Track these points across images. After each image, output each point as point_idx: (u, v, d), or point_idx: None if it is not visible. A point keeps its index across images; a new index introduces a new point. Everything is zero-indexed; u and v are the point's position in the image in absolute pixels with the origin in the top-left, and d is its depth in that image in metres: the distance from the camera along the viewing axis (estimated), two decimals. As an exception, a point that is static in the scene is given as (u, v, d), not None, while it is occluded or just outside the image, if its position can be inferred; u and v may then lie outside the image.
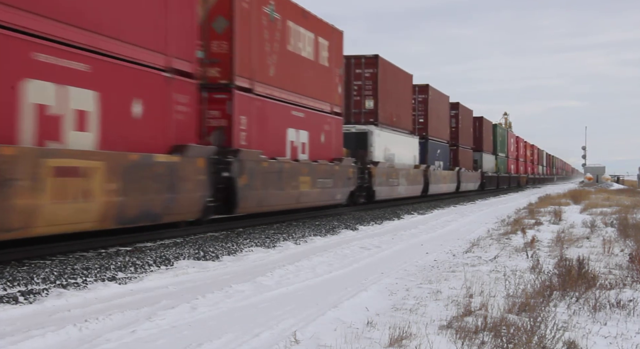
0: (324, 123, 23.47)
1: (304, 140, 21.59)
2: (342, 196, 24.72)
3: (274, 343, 6.48)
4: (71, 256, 12.27)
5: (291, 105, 20.75)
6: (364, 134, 29.92)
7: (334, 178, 23.27)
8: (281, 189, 19.13)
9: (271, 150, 19.17)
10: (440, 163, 43.43)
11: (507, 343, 5.95)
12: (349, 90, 30.33)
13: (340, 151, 24.82)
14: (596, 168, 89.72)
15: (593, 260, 11.13)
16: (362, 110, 30.94)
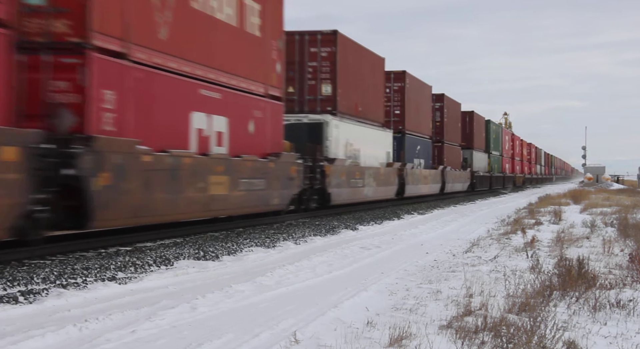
0: (254, 108, 18.54)
1: (221, 129, 16.61)
2: (282, 200, 19.93)
3: (274, 343, 6.48)
4: (71, 256, 12.27)
5: (200, 82, 15.78)
6: (317, 125, 24.85)
7: (267, 179, 18.69)
8: (178, 193, 14.46)
9: (162, 140, 14.26)
10: (420, 162, 38.81)
11: (507, 343, 5.95)
12: (302, 73, 25.65)
13: (279, 144, 20.02)
14: (596, 168, 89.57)
15: (593, 259, 11.13)
16: (317, 97, 25.72)
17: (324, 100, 25.73)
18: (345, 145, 26.60)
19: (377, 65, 31.81)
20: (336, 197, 24.89)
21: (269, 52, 19.64)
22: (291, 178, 20.51)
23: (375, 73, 31.30)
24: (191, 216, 16.35)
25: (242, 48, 18.05)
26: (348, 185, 26.12)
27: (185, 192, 14.76)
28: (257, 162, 18.31)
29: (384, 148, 32.17)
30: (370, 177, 28.98)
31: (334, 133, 25.30)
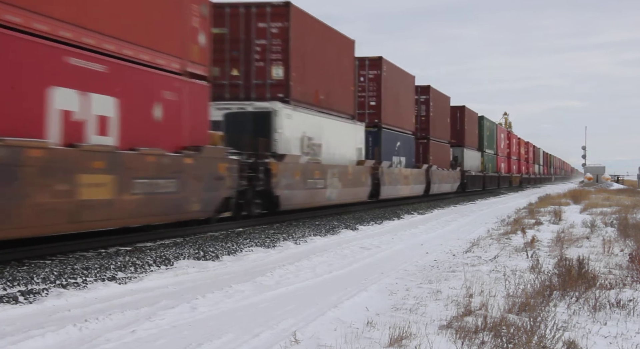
0: (163, 88, 14.51)
1: (106, 113, 12.80)
2: (205, 206, 15.92)
3: (274, 342, 6.49)
4: (71, 256, 12.27)
5: (68, 48, 11.88)
6: (264, 115, 20.71)
7: (181, 178, 14.64)
8: (18, 199, 10.58)
9: None
10: (401, 160, 34.78)
11: (507, 343, 5.95)
12: (248, 53, 21.57)
13: (202, 136, 15.95)
14: (596, 168, 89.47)
15: (593, 259, 11.13)
16: (267, 81, 21.55)
17: (274, 85, 21.53)
18: (301, 139, 22.34)
19: (345, 48, 27.20)
20: (287, 201, 20.76)
21: (187, 18, 15.35)
22: (219, 178, 16.40)
23: (342, 58, 26.83)
24: (48, 230, 11.97)
25: (143, 6, 13.96)
26: (304, 186, 21.87)
27: (32, 198, 10.80)
28: (164, 156, 14.20)
29: (353, 144, 27.81)
30: (335, 177, 24.49)
31: (286, 124, 21.17)
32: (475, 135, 55.03)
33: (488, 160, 59.22)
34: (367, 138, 30.10)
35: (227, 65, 21.46)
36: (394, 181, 32.32)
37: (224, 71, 21.35)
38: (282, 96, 21.49)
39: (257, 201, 19.64)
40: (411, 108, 37.55)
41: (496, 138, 64.51)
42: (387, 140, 32.69)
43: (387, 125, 32.58)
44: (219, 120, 19.77)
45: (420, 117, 40.20)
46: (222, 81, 21.19)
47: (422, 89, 40.39)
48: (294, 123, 21.73)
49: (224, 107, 20.40)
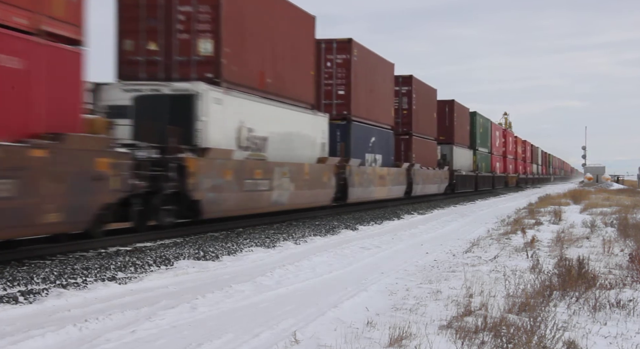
0: None
1: None
2: (72, 216, 11.74)
3: (274, 342, 6.49)
4: (71, 256, 12.27)
5: None
6: (184, 98, 16.49)
7: (24, 178, 10.62)
8: None
9: None
10: (376, 157, 30.15)
11: (507, 343, 5.95)
12: (169, 22, 17.30)
13: (72, 120, 12.05)
14: (596, 168, 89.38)
15: (593, 259, 11.13)
16: (192, 58, 17.43)
17: (201, 63, 17.35)
18: (238, 130, 18.09)
19: (303, 24, 22.74)
20: (212, 206, 16.48)
21: None
22: (98, 178, 12.43)
23: (299, 36, 22.44)
24: None
25: None
26: (239, 188, 17.62)
27: None
28: None
29: (314, 139, 23.31)
30: (285, 177, 20.25)
31: (214, 110, 16.81)
32: (466, 132, 50.59)
33: (481, 159, 55.15)
34: (334, 132, 26.02)
35: (142, 38, 17.36)
36: (366, 182, 27.83)
37: (138, 45, 17.35)
38: (210, 76, 17.25)
39: (169, 207, 15.41)
40: (389, 99, 32.47)
41: (490, 136, 60.57)
42: (359, 135, 27.82)
43: (359, 118, 27.81)
44: (126, 104, 16.32)
45: (402, 111, 35.42)
46: (137, 57, 17.32)
47: (403, 79, 35.49)
48: (227, 110, 17.46)
49: (132, 88, 16.49)
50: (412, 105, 36.13)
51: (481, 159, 55.16)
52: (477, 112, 54.38)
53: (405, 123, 35.75)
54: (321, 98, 26.41)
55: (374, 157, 30.06)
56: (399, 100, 35.43)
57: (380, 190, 30.05)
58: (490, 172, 59.07)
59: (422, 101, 38.20)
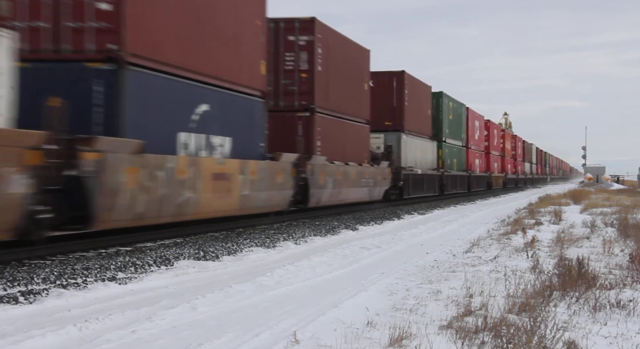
0: None
1: None
2: None
3: (274, 342, 6.49)
4: (71, 256, 12.28)
5: None
6: None
7: None
8: None
9: None
10: (212, 140, 16.58)
11: (507, 343, 5.95)
12: None
13: None
14: (596, 168, 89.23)
15: (593, 260, 11.13)
16: None
17: None
18: None
19: None
20: None
21: None
22: None
23: None
24: None
25: None
26: None
27: None
28: None
29: None
30: None
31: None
32: (427, 117, 39.18)
33: (451, 154, 44.45)
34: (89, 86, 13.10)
35: None
36: (175, 187, 14.35)
37: None
38: None
39: None
40: (256, 49, 19.19)
41: (466, 125, 49.17)
42: (150, 92, 14.27)
43: (148, 61, 14.01)
44: None
45: (298, 73, 22.96)
46: None
47: (302, 25, 23.26)
48: None
49: None
50: (315, 65, 23.23)
51: (451, 154, 44.51)
52: (444, 93, 42.27)
53: (303, 92, 23.05)
54: None
55: (208, 139, 16.26)
56: (294, 55, 23.14)
57: (227, 203, 16.90)
58: (466, 171, 48.68)
59: (341, 64, 25.76)
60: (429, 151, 39.62)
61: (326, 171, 23.49)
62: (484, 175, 55.78)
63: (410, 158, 35.35)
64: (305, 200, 21.82)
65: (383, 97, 33.25)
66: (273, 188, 19.25)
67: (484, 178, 55.69)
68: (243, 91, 18.26)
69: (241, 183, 17.22)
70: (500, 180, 62.84)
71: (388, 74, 34.02)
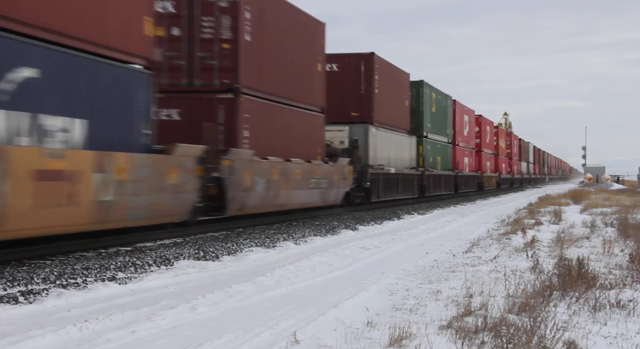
0: None
1: None
2: None
3: (274, 343, 6.48)
4: (71, 256, 12.28)
5: None
6: None
7: None
8: None
9: None
10: (70, 124, 11.97)
11: (507, 343, 5.95)
12: None
13: None
14: (596, 168, 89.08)
15: (593, 260, 11.12)
16: None
17: None
18: None
19: None
20: None
21: None
22: None
23: None
24: None
25: None
26: None
27: None
28: None
29: None
30: None
31: None
32: (404, 109, 34.33)
33: (434, 152, 39.85)
34: None
35: None
36: None
37: None
38: None
39: None
40: None
41: (453, 120, 44.82)
42: None
43: None
44: None
45: (219, 42, 18.22)
46: None
47: None
48: None
49: None
50: (241, 33, 18.37)
51: (434, 151, 39.82)
52: (425, 82, 37.29)
53: (225, 68, 18.22)
54: None
55: (32, 122, 11.28)
56: (213, 20, 18.37)
57: None
58: (452, 170, 44.35)
59: (282, 36, 20.97)
60: (406, 147, 34.60)
61: (254, 169, 18.23)
62: (474, 174, 51.37)
63: (381, 155, 30.22)
64: (223, 206, 17.01)
65: (349, 83, 28.69)
66: (161, 191, 14.16)
67: (473, 178, 51.22)
68: (110, 56, 13.13)
69: (97, 185, 12.21)
70: (493, 180, 58.97)
71: (355, 57, 29.17)
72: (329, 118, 25.51)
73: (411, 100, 36.03)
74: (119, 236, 14.27)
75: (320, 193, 23.02)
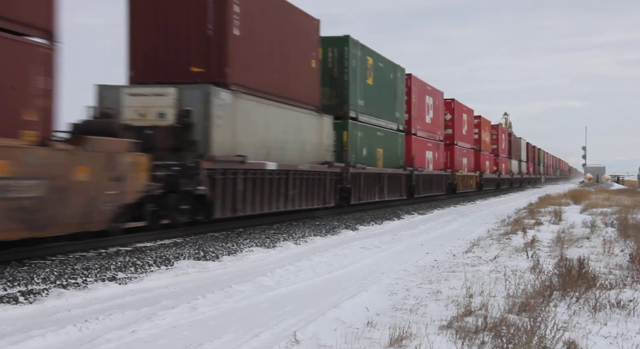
0: None
1: None
2: None
3: (274, 343, 6.48)
4: (71, 256, 12.28)
5: None
6: None
7: None
8: None
9: None
10: None
11: (507, 343, 5.95)
12: None
13: None
14: (596, 168, 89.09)
15: (593, 260, 11.13)
16: None
17: None
18: None
19: None
20: None
21: None
22: None
23: None
24: None
25: None
26: None
27: None
28: None
29: None
30: None
31: None
32: (307, 72, 22.40)
33: (371, 141, 28.29)
34: None
35: None
36: None
37: None
38: None
39: None
40: None
41: (407, 101, 33.83)
42: None
43: None
44: None
45: None
46: None
47: None
48: None
49: None
50: None
51: (371, 140, 28.18)
52: (352, 39, 25.72)
53: None
54: None
55: None
56: None
57: None
58: (404, 167, 32.75)
59: None
60: (310, 132, 22.49)
61: None
62: (440, 174, 40.03)
63: (247, 139, 18.11)
64: None
65: (181, 18, 17.12)
66: None
67: (439, 178, 39.83)
68: None
69: None
70: (471, 180, 48.48)
71: None
72: (143, 75, 17.05)
73: (329, 64, 25.23)
74: (119, 236, 14.27)
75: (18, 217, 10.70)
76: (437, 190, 39.26)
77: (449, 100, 44.27)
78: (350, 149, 25.84)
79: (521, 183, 77.83)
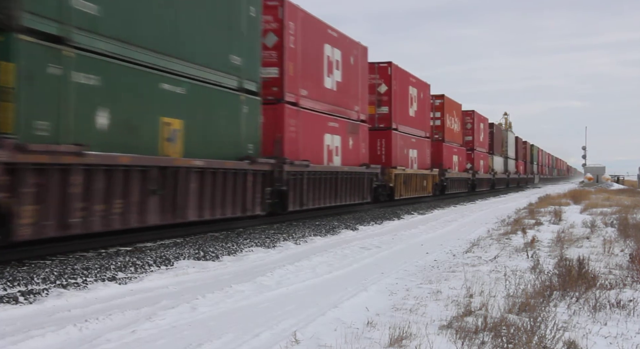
0: None
1: None
2: None
3: (274, 343, 6.48)
4: (71, 256, 12.27)
5: None
6: None
7: None
8: None
9: None
10: None
11: (507, 343, 5.95)
12: None
13: None
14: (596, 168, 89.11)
15: (593, 260, 11.13)
16: None
17: None
18: None
19: None
20: None
21: None
22: None
23: None
24: None
25: None
26: None
27: None
28: None
29: None
30: None
31: None
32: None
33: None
34: None
35: None
36: None
37: None
38: None
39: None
40: None
41: (278, 45, 19.48)
42: None
43: None
44: None
45: None
46: None
47: None
48: None
49: None
50: None
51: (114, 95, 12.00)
52: None
53: None
54: None
55: None
56: None
57: None
58: (243, 159, 16.77)
59: None
60: None
61: None
62: (360, 171, 26.26)
63: None
64: None
65: None
66: None
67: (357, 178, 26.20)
68: None
69: None
70: (426, 181, 36.98)
71: None
72: None
73: None
74: (119, 236, 14.27)
75: None
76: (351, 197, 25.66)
77: (383, 63, 31.24)
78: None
79: (507, 184, 67.23)
